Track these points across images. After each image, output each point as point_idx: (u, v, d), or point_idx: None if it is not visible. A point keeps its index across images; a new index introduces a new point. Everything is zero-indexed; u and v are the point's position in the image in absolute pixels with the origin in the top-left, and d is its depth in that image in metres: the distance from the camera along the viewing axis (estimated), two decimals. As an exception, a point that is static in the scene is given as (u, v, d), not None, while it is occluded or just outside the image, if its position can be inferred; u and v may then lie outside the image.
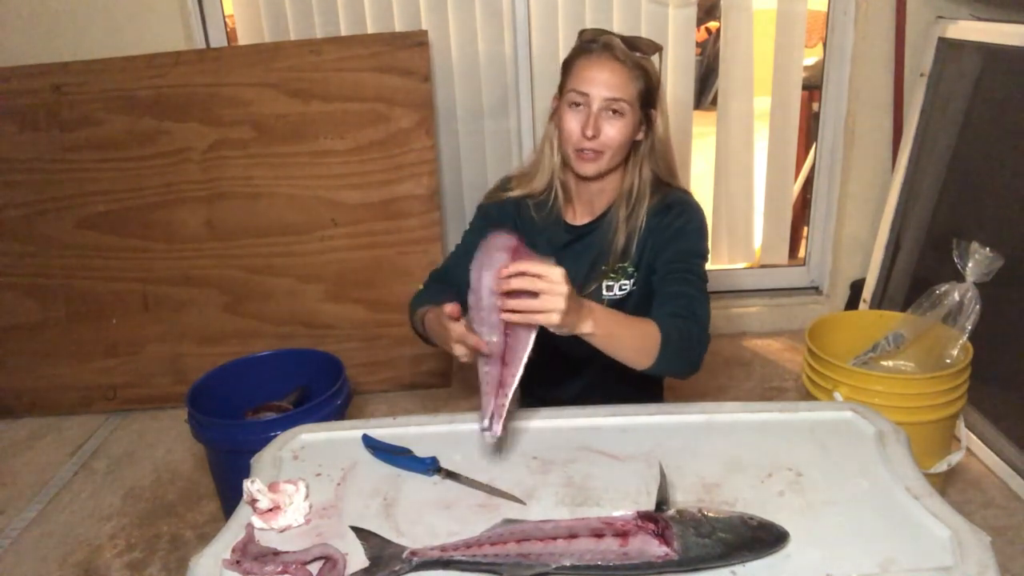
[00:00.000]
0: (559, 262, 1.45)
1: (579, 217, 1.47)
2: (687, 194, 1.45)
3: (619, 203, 1.41)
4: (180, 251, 2.50)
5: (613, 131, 1.32)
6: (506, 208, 1.50)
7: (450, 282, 1.47)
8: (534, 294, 1.02)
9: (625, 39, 1.33)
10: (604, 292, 1.44)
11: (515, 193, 1.48)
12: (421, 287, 1.51)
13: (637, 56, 1.32)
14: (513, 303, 1.03)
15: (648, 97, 1.35)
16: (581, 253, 1.46)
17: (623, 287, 1.44)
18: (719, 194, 2.80)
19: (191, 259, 2.50)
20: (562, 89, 1.37)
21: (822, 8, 2.64)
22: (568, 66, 1.36)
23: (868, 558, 0.89)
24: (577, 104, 1.33)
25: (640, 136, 1.39)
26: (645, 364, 1.18)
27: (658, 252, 1.39)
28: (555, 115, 1.40)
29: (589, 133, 1.31)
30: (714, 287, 2.99)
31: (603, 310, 1.13)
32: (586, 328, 1.09)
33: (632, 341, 1.17)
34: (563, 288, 1.02)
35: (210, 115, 2.41)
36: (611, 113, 1.32)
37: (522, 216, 1.49)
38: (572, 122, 1.34)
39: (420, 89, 2.39)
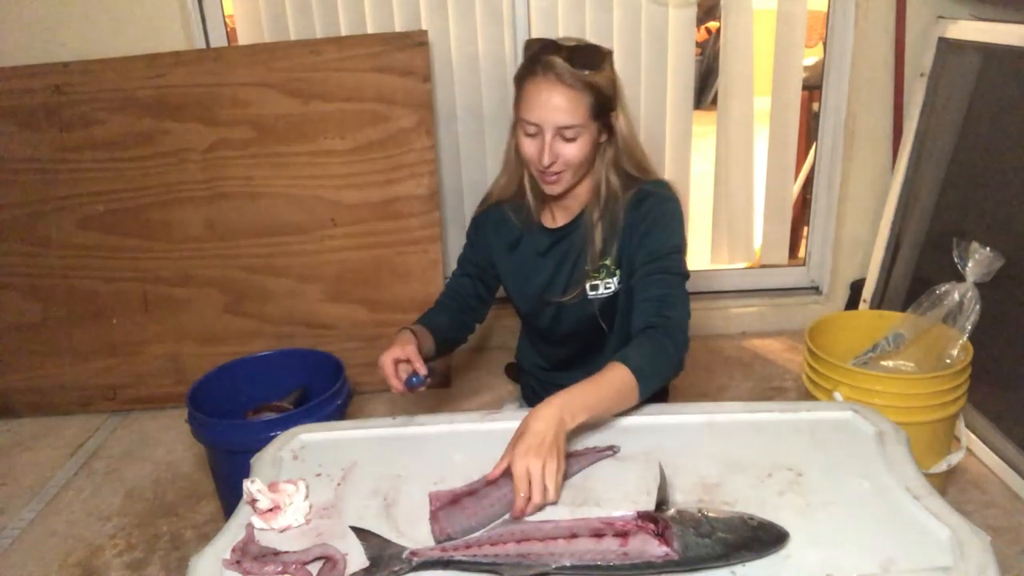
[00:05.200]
0: (542, 266, 1.48)
1: (557, 220, 1.47)
2: (661, 184, 1.41)
3: (592, 204, 1.41)
4: (180, 251, 2.50)
5: (571, 152, 1.31)
6: (491, 215, 1.53)
7: (455, 298, 1.58)
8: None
9: (573, 53, 1.27)
10: (590, 292, 1.44)
11: (494, 200, 1.51)
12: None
13: (583, 74, 1.26)
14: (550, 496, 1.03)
15: (602, 107, 1.31)
16: (563, 255, 1.47)
17: (608, 286, 1.43)
18: (719, 194, 2.80)
19: (191, 259, 2.50)
20: (516, 107, 1.34)
21: (822, 8, 2.64)
22: (518, 86, 1.33)
23: (868, 558, 0.89)
24: (531, 133, 1.31)
25: (603, 139, 1.37)
26: (636, 401, 1.20)
27: (635, 249, 1.38)
28: (515, 128, 1.38)
29: (546, 161, 1.30)
30: (714, 287, 3.02)
31: (571, 399, 1.11)
32: (572, 425, 1.09)
33: (616, 398, 1.18)
34: (535, 471, 1.01)
35: (210, 115, 2.41)
36: (565, 138, 1.30)
37: (507, 221, 1.51)
38: (530, 149, 1.32)
39: (420, 89, 2.39)
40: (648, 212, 1.36)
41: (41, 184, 2.46)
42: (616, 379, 1.18)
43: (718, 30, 3.07)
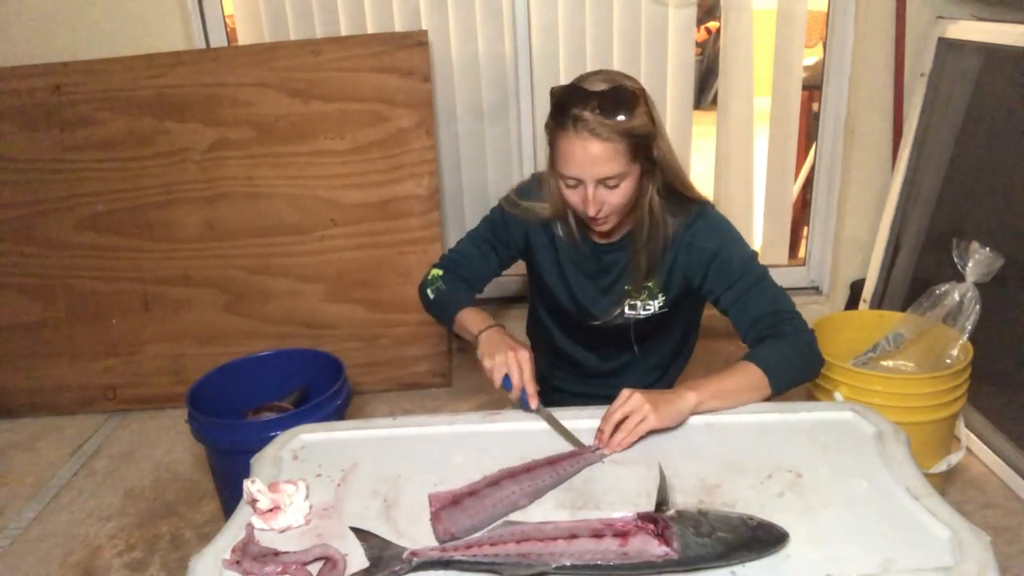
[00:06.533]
0: (581, 280, 1.48)
1: (601, 236, 1.45)
2: (706, 205, 1.41)
3: (638, 228, 1.39)
4: (180, 251, 2.50)
5: (616, 198, 1.29)
6: (519, 226, 1.49)
7: (466, 276, 1.52)
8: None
9: (603, 101, 1.22)
10: (627, 311, 1.45)
11: (542, 212, 1.45)
12: (439, 272, 1.52)
13: (616, 123, 1.22)
14: (617, 440, 1.14)
15: (641, 147, 1.27)
16: (604, 272, 1.47)
17: (647, 307, 1.44)
18: (719, 194, 2.80)
19: (191, 259, 2.50)
20: (551, 158, 1.31)
21: (822, 8, 2.64)
22: (550, 137, 1.29)
23: (868, 558, 0.89)
24: (572, 186, 1.29)
25: (646, 171, 1.34)
26: (766, 396, 1.26)
27: (700, 277, 1.39)
28: (552, 173, 1.35)
29: (592, 212, 1.29)
30: (714, 287, 2.98)
31: (700, 381, 1.22)
32: (691, 403, 1.19)
33: (743, 393, 1.25)
34: (637, 402, 1.14)
35: (210, 115, 2.41)
36: (607, 187, 1.27)
37: (536, 233, 1.48)
38: (573, 198, 1.31)
39: (420, 89, 2.39)
40: (705, 241, 1.38)
41: (41, 184, 2.46)
42: (750, 376, 1.25)
43: (718, 30, 3.07)
